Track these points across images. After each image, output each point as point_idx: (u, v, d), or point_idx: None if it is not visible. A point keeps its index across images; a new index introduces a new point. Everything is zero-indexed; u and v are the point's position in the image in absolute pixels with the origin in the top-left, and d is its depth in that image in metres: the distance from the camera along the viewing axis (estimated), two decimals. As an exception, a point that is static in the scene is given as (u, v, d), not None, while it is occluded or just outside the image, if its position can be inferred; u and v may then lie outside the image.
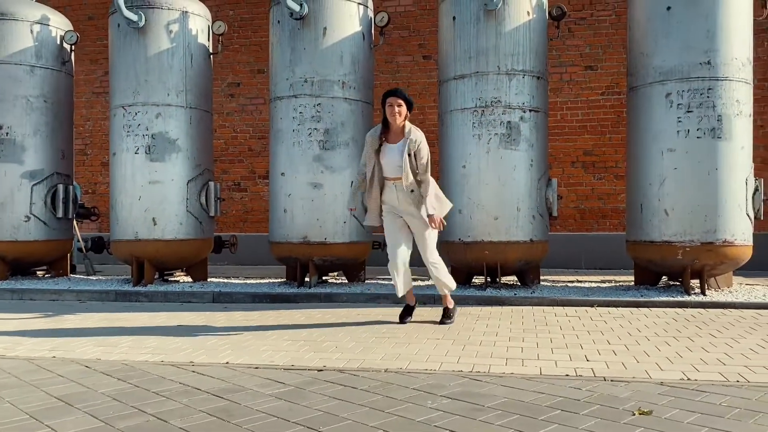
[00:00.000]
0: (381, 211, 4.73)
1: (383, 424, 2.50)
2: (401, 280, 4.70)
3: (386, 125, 4.63)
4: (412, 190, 4.55)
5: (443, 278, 4.78)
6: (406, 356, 3.72)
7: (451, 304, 4.91)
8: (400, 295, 4.83)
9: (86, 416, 2.64)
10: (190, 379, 3.25)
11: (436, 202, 4.65)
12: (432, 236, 4.69)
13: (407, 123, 4.62)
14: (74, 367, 3.55)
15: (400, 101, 4.53)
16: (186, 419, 2.58)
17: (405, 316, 4.92)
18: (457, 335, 4.34)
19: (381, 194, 4.67)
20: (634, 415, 2.58)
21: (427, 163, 4.58)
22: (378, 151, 4.61)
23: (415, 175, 4.54)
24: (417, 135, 4.57)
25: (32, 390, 3.06)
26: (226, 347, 4.05)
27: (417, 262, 4.88)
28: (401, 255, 4.68)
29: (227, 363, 3.60)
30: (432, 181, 4.63)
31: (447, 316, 4.86)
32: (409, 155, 4.51)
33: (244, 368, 3.47)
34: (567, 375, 3.26)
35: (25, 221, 7.29)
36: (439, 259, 4.78)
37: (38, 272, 7.88)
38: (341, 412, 2.65)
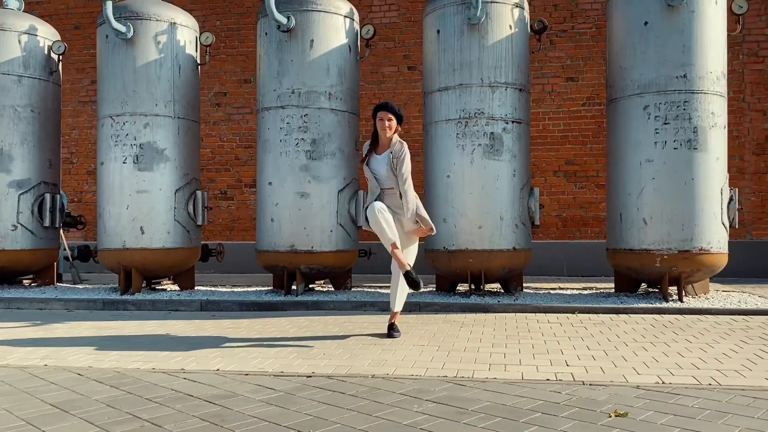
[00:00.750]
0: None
1: (371, 427, 2.60)
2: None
3: (376, 137, 4.73)
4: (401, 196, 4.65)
5: (403, 294, 4.71)
6: (392, 362, 3.82)
7: (397, 320, 4.80)
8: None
9: (82, 422, 2.71)
10: (181, 385, 3.33)
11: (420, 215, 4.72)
12: (413, 251, 4.78)
13: (395, 136, 4.71)
14: (67, 374, 3.61)
15: (390, 116, 4.61)
16: (180, 424, 2.67)
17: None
18: (442, 342, 4.45)
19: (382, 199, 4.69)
20: (610, 417, 2.70)
21: (407, 177, 4.62)
22: (368, 163, 4.72)
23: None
24: (398, 149, 4.63)
25: (27, 397, 3.12)
26: (216, 355, 4.12)
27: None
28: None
29: (218, 370, 3.68)
30: (414, 198, 4.68)
31: (395, 329, 4.72)
32: (392, 169, 4.62)
33: (234, 375, 3.55)
34: (548, 379, 3.38)
35: (12, 230, 7.31)
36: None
37: (24, 281, 7.88)
38: (330, 416, 2.74)
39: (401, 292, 4.69)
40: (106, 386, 3.33)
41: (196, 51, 7.44)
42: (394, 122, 4.64)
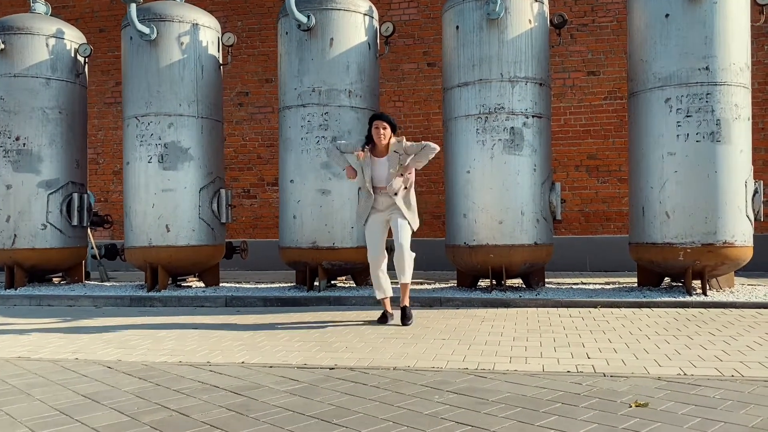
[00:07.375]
0: (368, 215, 5.11)
1: (393, 417, 2.65)
2: (384, 284, 5.11)
3: (371, 143, 5.11)
4: (395, 193, 5.00)
5: (408, 262, 4.94)
6: (413, 355, 3.87)
7: (408, 302, 5.06)
8: (381, 297, 5.15)
9: (113, 412, 2.80)
10: (208, 377, 3.41)
11: (410, 213, 5.07)
12: (408, 227, 5.01)
13: (393, 140, 5.09)
14: (97, 367, 3.71)
15: (385, 124, 5.05)
16: (207, 414, 2.74)
17: (384, 319, 5.13)
18: (463, 336, 4.48)
19: (372, 200, 5.09)
20: (631, 407, 2.72)
21: (425, 146, 5.06)
22: (368, 165, 5.05)
23: (399, 185, 5.02)
24: (408, 145, 5.04)
25: (60, 389, 3.23)
26: (241, 348, 4.21)
27: (422, 266, 5.03)
28: (381, 261, 5.09)
29: (243, 362, 3.76)
30: (413, 195, 5.12)
31: (406, 316, 4.97)
32: (402, 165, 4.99)
33: (259, 367, 3.62)
34: (568, 371, 3.40)
35: (42, 229, 7.49)
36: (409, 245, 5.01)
37: (54, 279, 8.07)
38: (353, 407, 2.80)
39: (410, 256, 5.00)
40: (134, 378, 3.42)
41: (219, 51, 7.54)
42: (388, 130, 5.06)
